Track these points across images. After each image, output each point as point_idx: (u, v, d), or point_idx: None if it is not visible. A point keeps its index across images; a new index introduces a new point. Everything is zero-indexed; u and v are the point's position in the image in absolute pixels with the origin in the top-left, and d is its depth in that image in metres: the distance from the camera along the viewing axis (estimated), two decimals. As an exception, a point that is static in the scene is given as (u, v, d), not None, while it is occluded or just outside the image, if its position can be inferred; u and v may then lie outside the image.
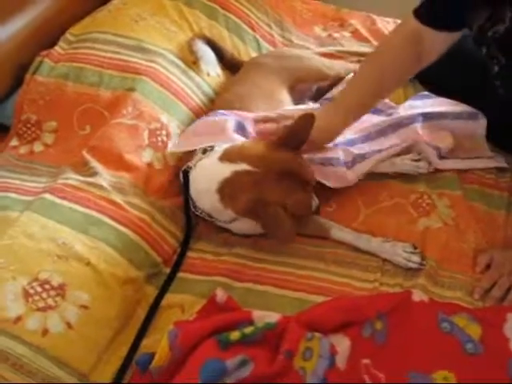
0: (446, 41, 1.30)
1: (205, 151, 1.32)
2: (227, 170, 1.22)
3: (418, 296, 1.14)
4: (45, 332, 1.07)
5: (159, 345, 1.08)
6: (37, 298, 1.09)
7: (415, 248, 1.26)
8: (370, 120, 1.52)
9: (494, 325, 1.08)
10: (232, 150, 1.26)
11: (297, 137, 1.23)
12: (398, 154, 1.43)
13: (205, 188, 1.26)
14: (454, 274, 1.23)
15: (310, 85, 1.67)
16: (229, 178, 1.21)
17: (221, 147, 1.28)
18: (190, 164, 1.31)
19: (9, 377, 1.01)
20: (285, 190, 1.18)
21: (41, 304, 1.09)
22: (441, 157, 1.44)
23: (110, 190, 1.30)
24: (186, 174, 1.31)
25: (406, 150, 1.44)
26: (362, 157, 1.41)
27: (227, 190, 1.22)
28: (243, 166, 1.20)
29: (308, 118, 1.22)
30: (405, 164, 1.41)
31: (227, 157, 1.24)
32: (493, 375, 1.02)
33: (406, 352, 1.06)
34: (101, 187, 1.30)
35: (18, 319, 1.06)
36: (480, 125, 1.46)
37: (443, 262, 1.25)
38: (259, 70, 1.62)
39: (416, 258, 1.24)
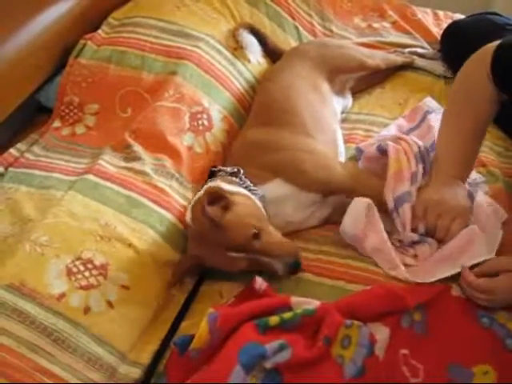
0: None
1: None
2: None
3: (456, 291, 1.13)
4: (87, 310, 1.09)
5: (198, 327, 1.08)
6: (79, 276, 1.11)
7: None
8: None
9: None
10: None
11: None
12: None
13: None
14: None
15: (350, 75, 1.67)
16: None
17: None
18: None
19: (51, 351, 1.03)
20: None
21: (83, 282, 1.11)
22: None
23: (152, 175, 1.31)
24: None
25: None
26: None
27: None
28: None
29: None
30: None
31: None
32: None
33: (446, 344, 1.05)
34: (144, 173, 1.31)
35: (62, 296, 1.08)
36: None
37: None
38: (301, 59, 1.62)
39: None
